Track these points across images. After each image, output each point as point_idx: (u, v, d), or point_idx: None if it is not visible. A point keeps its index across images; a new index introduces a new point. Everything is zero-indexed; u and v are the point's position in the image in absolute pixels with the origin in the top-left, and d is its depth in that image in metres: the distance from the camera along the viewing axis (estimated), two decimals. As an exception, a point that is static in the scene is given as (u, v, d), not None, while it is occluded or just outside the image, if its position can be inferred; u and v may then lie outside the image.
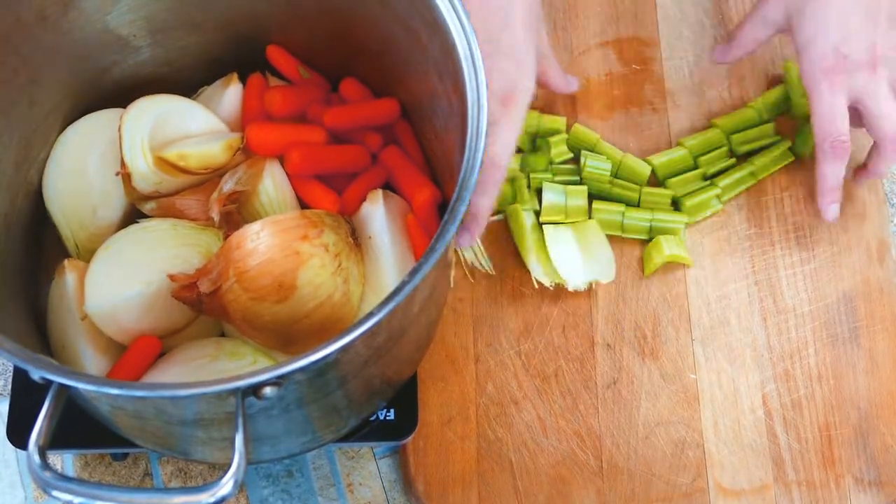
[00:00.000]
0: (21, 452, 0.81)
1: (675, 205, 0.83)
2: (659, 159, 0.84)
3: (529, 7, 0.72)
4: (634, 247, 0.83)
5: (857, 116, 0.76)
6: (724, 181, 0.83)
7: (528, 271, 0.81)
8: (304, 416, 0.62)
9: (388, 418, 0.74)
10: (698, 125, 0.87)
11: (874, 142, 0.78)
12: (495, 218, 0.82)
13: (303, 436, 0.67)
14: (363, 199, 0.72)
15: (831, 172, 0.77)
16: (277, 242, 0.64)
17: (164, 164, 0.69)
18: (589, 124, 0.86)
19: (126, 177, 0.69)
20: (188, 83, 0.78)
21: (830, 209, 0.79)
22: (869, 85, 0.73)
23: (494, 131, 0.70)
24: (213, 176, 0.72)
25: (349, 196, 0.74)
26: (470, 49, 0.60)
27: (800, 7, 0.74)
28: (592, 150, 0.83)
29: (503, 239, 0.83)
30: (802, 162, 0.86)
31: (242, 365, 0.67)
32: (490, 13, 0.70)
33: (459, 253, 0.81)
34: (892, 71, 0.75)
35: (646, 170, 0.83)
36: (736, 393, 0.79)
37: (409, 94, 0.74)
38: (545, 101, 0.87)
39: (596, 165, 0.82)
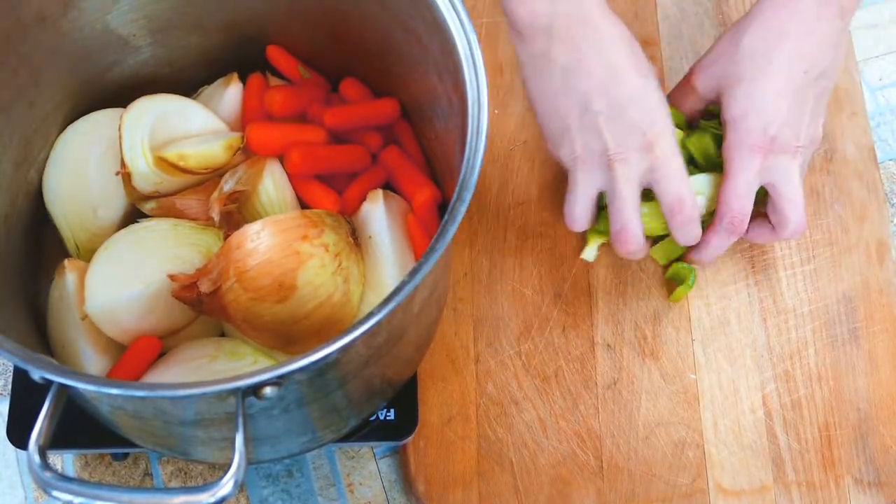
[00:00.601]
0: (21, 452, 0.81)
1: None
2: None
3: (630, 47, 0.71)
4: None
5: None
6: None
7: (527, 270, 0.81)
8: (304, 416, 0.62)
9: (388, 418, 0.74)
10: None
11: (774, 224, 0.76)
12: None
13: (303, 436, 0.67)
14: (363, 199, 0.72)
15: (717, 244, 0.76)
16: (277, 242, 0.64)
17: (164, 163, 0.69)
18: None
19: (126, 176, 0.70)
20: (188, 83, 0.78)
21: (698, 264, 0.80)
22: (786, 169, 0.73)
23: (659, 177, 0.70)
24: (213, 176, 0.72)
25: (349, 196, 0.74)
26: (470, 49, 0.60)
27: (733, 84, 0.73)
28: None
29: (500, 239, 0.83)
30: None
31: (242, 365, 0.67)
32: (591, 72, 0.69)
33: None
34: (804, 162, 0.74)
35: None
36: (736, 393, 0.79)
37: (409, 94, 0.74)
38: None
39: None
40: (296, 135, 0.73)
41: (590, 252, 0.80)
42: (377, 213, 0.71)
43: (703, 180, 0.76)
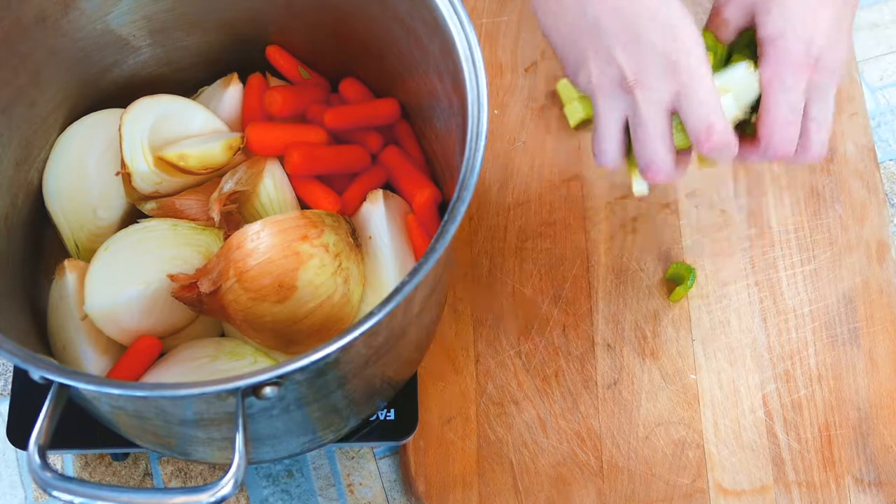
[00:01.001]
0: (21, 452, 0.81)
1: None
2: None
3: None
4: (635, 247, 0.83)
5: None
6: None
7: (527, 270, 0.81)
8: (304, 417, 0.62)
9: (388, 418, 0.74)
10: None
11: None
12: None
13: (303, 436, 0.67)
14: (363, 199, 0.72)
15: (755, 160, 0.68)
16: (277, 242, 0.64)
17: (164, 164, 0.69)
18: (587, 126, 0.86)
19: (126, 177, 0.70)
20: (188, 83, 0.78)
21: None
22: (825, 90, 0.66)
23: (684, 103, 0.64)
24: (213, 176, 0.72)
25: (349, 196, 0.74)
26: (470, 49, 0.60)
27: (765, 3, 0.67)
28: None
29: (499, 238, 0.83)
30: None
31: (242, 365, 0.67)
32: (609, 7, 0.63)
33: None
34: (836, 87, 0.67)
35: None
36: (736, 393, 0.79)
37: (409, 94, 0.74)
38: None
39: None
40: (296, 135, 0.73)
41: (638, 185, 0.71)
42: (377, 213, 0.71)
43: (732, 75, 0.67)
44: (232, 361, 0.67)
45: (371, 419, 0.74)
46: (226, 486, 0.50)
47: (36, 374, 0.52)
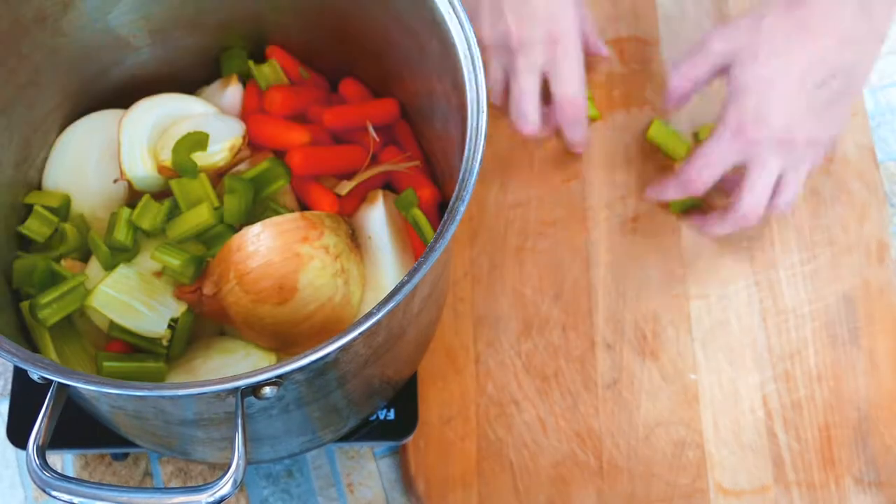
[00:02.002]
0: (21, 452, 0.81)
1: None
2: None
3: None
4: (635, 247, 0.83)
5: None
6: None
7: (527, 270, 0.81)
8: (303, 416, 0.62)
9: (388, 418, 0.74)
10: (699, 126, 0.87)
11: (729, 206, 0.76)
12: None
13: (302, 436, 0.67)
14: (362, 200, 0.72)
15: (672, 195, 0.79)
16: (278, 245, 0.64)
17: (167, 171, 0.69)
18: (589, 125, 0.86)
19: (127, 182, 0.70)
20: (188, 83, 0.78)
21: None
22: (763, 156, 0.72)
23: (554, 74, 0.75)
24: (214, 176, 0.72)
25: (349, 196, 0.74)
26: (469, 49, 0.60)
27: (746, 56, 0.71)
28: None
29: (499, 238, 0.83)
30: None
31: (235, 360, 0.67)
32: None
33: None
34: (797, 160, 0.73)
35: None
36: (736, 393, 0.79)
37: (409, 94, 0.74)
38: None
39: None
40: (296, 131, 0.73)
41: None
42: (377, 213, 0.71)
43: None
44: (224, 357, 0.67)
45: (371, 419, 0.74)
46: (225, 485, 0.50)
47: (35, 374, 0.52)
